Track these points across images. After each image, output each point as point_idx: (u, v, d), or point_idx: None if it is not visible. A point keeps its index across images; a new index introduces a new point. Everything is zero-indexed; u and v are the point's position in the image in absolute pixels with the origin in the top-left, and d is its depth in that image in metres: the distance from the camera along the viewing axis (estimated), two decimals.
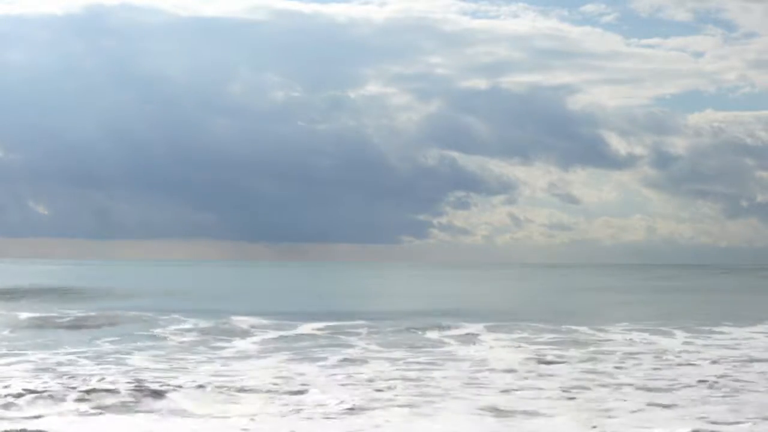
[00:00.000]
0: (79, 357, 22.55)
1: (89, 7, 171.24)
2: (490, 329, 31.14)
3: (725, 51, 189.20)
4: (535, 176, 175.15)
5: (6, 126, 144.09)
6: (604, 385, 18.34)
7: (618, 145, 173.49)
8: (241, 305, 45.24)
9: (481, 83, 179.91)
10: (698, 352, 24.95)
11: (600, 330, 30.89)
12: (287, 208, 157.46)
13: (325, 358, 22.61)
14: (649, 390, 17.81)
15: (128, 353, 23.49)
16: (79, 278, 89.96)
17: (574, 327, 31.82)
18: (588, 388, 17.93)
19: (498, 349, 25.45)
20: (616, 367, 21.23)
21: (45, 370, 19.85)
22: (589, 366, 21.48)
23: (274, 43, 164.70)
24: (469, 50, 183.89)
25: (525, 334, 29.72)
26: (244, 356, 23.40)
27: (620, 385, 18.41)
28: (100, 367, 20.57)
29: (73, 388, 16.79)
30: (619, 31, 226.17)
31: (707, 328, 32.29)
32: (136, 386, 17.01)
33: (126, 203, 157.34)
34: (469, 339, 28.08)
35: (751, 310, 44.17)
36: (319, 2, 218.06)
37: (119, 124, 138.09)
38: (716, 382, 18.81)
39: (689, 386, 18.32)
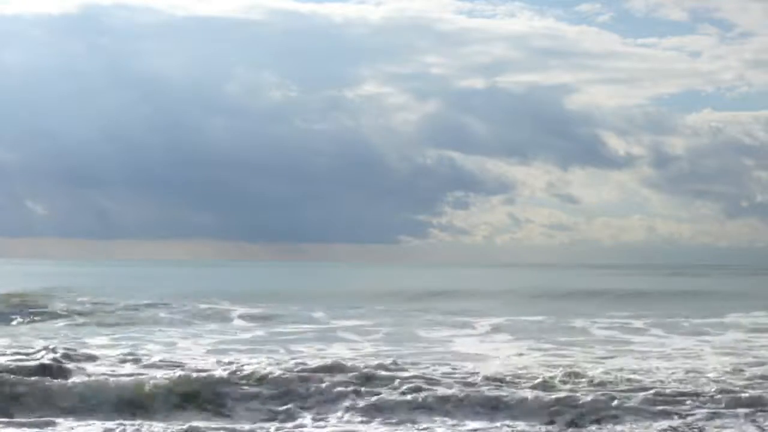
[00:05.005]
0: None
1: (85, 6, 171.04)
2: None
3: (722, 50, 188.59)
4: (534, 176, 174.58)
5: (2, 126, 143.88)
6: None
7: (616, 145, 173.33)
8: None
9: (478, 83, 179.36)
10: None
11: None
12: (285, 208, 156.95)
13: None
14: None
15: None
16: (145, 281, 72.12)
17: None
18: None
19: None
20: None
21: None
22: None
23: (270, 42, 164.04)
24: (466, 49, 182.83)
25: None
26: None
27: None
28: None
29: None
30: (616, 31, 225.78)
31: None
32: None
33: (124, 203, 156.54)
34: None
35: None
36: (316, 1, 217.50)
37: (116, 124, 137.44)
38: None
39: None
